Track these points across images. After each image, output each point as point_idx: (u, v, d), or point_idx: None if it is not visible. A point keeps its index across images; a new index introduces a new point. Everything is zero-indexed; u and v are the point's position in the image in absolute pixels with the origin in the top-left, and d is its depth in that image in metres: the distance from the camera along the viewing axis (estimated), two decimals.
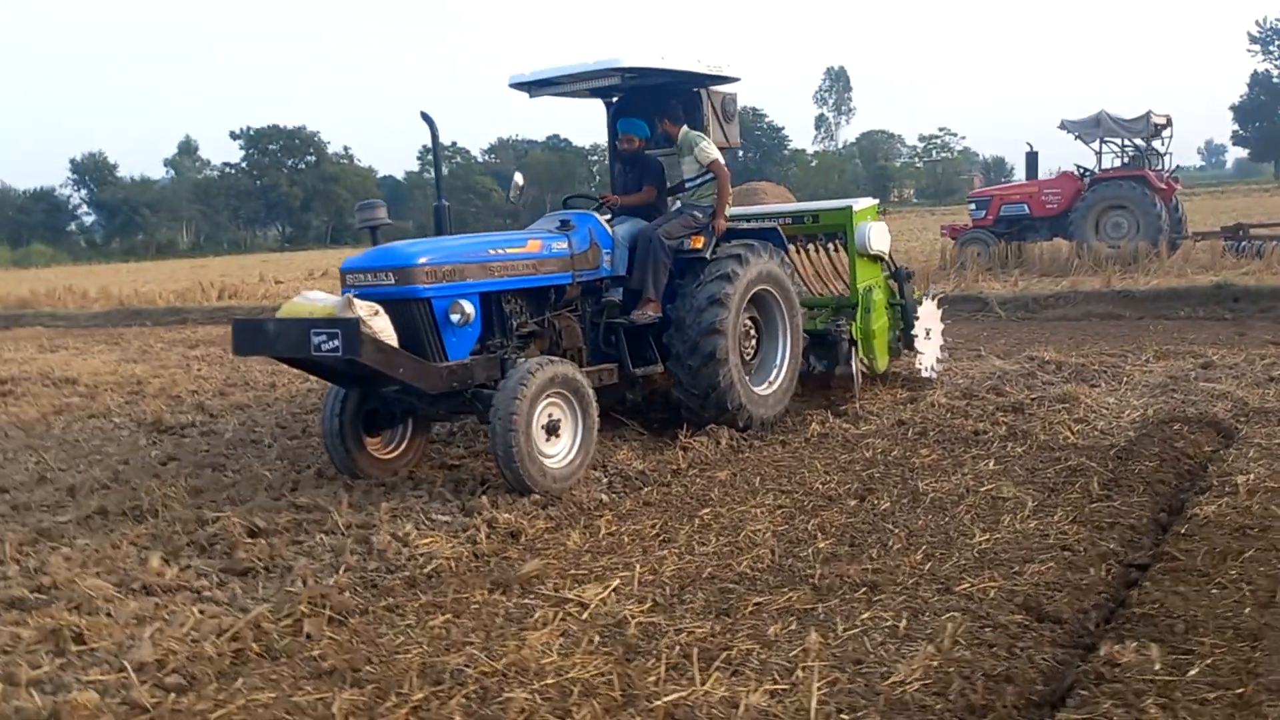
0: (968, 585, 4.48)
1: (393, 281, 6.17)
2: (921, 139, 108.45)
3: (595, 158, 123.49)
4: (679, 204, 8.03)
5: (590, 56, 7.43)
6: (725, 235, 7.67)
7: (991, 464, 6.42)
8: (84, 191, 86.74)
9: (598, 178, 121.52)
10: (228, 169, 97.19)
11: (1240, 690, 3.35)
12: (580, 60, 7.44)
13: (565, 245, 7.01)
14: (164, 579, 5.02)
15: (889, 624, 4.13)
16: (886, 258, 8.80)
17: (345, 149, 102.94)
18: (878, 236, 8.49)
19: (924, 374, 8.79)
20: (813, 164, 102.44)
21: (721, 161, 7.70)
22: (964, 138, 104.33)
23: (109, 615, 4.56)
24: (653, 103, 7.90)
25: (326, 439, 6.66)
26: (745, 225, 8.13)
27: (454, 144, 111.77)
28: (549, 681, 3.77)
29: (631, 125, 7.93)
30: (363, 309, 5.88)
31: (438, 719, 3.54)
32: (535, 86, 7.89)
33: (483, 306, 6.52)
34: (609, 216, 7.63)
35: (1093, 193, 18.76)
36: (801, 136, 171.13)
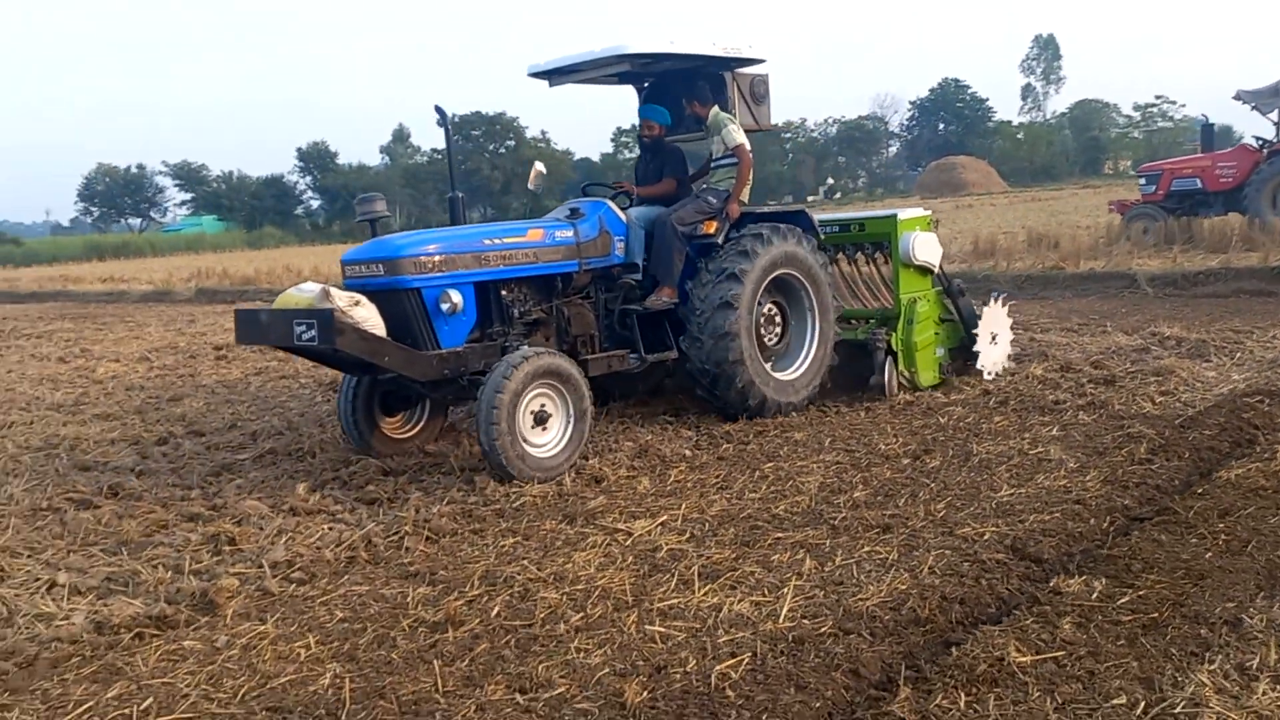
0: (969, 529, 4.97)
1: (382, 272, 6.44)
2: (1137, 107, 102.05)
3: (788, 135, 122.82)
4: (703, 186, 8.02)
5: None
6: (750, 219, 7.68)
7: (1054, 430, 6.74)
8: (309, 178, 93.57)
9: (790, 156, 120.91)
10: (435, 155, 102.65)
11: (1155, 615, 3.77)
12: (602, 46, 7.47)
13: (571, 234, 7.11)
14: (307, 503, 6.13)
15: (881, 556, 4.70)
16: (936, 270, 8.54)
17: (542, 133, 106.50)
18: (923, 247, 8.29)
19: (985, 376, 8.48)
20: (1019, 136, 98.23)
21: (747, 146, 7.68)
22: (1184, 105, 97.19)
23: (259, 527, 5.69)
24: (681, 88, 7.94)
25: (342, 420, 7.17)
26: (768, 209, 8.15)
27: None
28: (579, 588, 4.57)
29: (651, 111, 8.04)
30: (341, 299, 6.13)
31: (483, 609, 4.40)
32: (554, 75, 7.97)
33: (478, 295, 6.74)
34: (626, 205, 7.78)
35: (1270, 165, 17.75)
36: (1006, 108, 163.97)
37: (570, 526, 5.48)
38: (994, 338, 8.56)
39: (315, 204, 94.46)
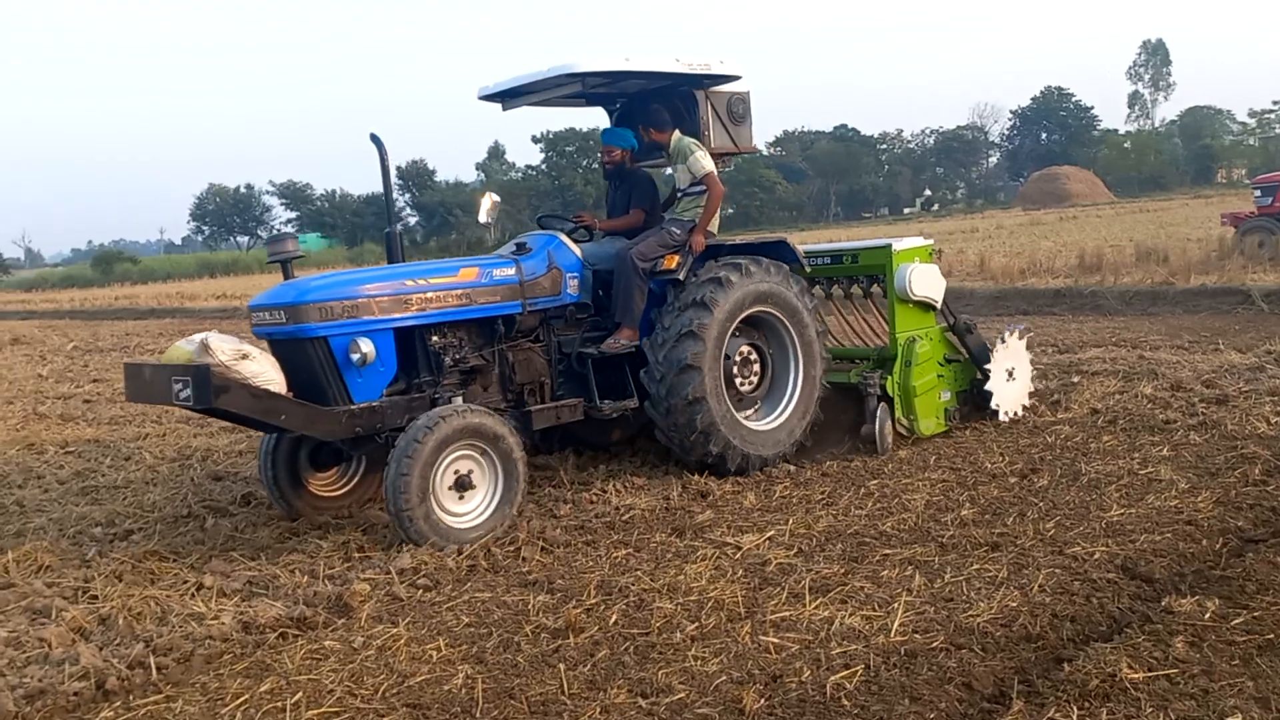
0: (1079, 549, 5.00)
1: (284, 320, 5.84)
2: (1253, 114, 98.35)
3: (884, 146, 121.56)
4: (668, 218, 7.31)
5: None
6: (720, 249, 7.03)
7: (1165, 450, 6.68)
8: (407, 195, 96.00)
9: (886, 167, 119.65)
10: (530, 171, 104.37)
11: (1270, 636, 3.78)
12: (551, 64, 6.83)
13: (512, 271, 6.47)
14: None
15: (991, 574, 4.77)
16: (939, 306, 7.75)
17: None
18: (922, 281, 7.52)
19: (1001, 417, 7.76)
20: (1125, 145, 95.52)
21: (715, 174, 7.01)
22: None
23: (383, 536, 6.00)
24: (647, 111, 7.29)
25: (262, 478, 6.50)
26: (743, 240, 7.39)
27: None
28: (692, 598, 4.75)
29: (612, 136, 7.43)
30: (225, 352, 5.55)
31: (601, 617, 4.61)
32: (505, 98, 7.36)
33: (401, 343, 6.14)
34: (586, 239, 7.27)
35: None
36: (1112, 116, 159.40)
37: (680, 540, 5.66)
38: (1010, 374, 7.86)
39: (413, 220, 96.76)
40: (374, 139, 6.51)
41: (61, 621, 4.90)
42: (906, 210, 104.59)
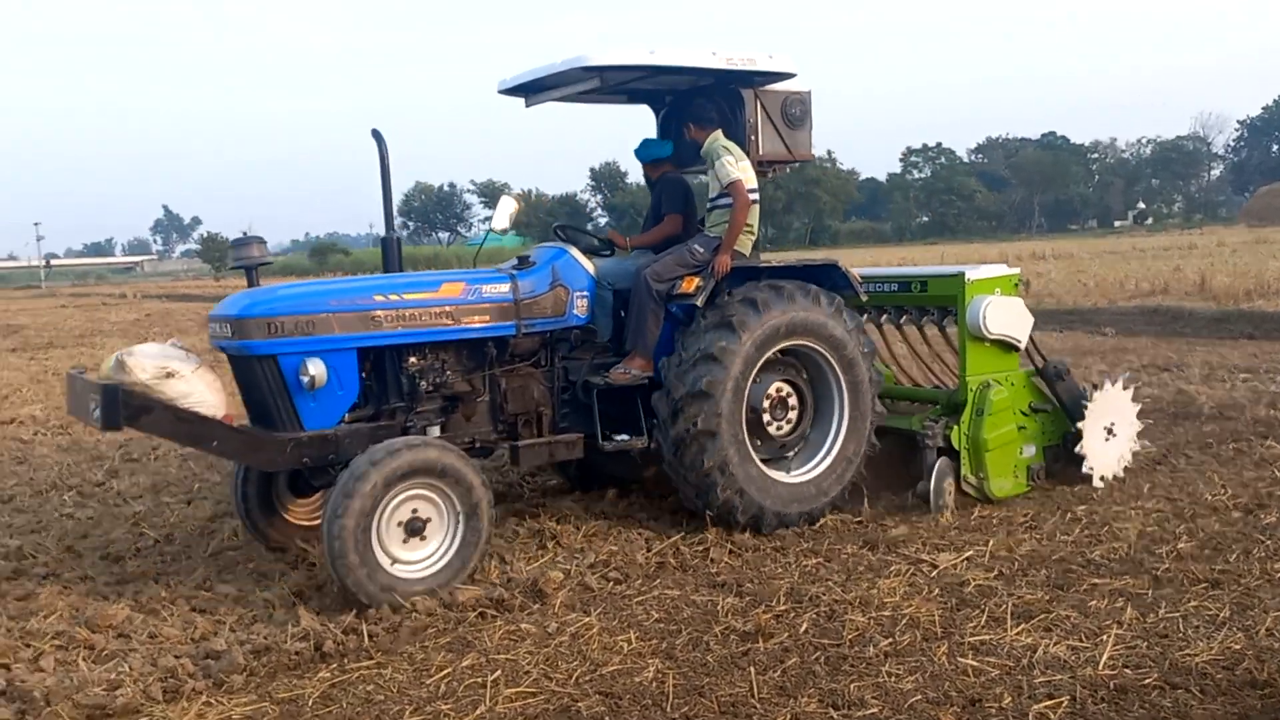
0: None
1: (230, 334, 5.24)
2: None
3: (1095, 155, 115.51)
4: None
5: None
6: (756, 275, 6.12)
7: None
8: (599, 196, 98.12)
9: (1096, 177, 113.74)
10: None
11: None
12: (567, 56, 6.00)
13: (506, 288, 5.77)
14: (617, 508, 6.57)
15: (1211, 613, 4.46)
16: (1023, 346, 6.69)
17: (828, 152, 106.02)
18: (999, 317, 6.47)
19: (1096, 483, 6.59)
20: None
21: (743, 182, 6.00)
22: None
23: (575, 526, 6.16)
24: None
25: (234, 503, 6.03)
26: (783, 262, 6.34)
27: (938, 144, 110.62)
28: (885, 613, 4.65)
29: (644, 151, 6.65)
30: (146, 370, 4.99)
31: (791, 624, 4.58)
32: (527, 93, 6.62)
33: (366, 364, 5.54)
34: (609, 253, 6.52)
35: None
36: None
37: (872, 553, 5.56)
38: (1110, 431, 6.68)
39: (603, 221, 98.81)
40: (375, 134, 5.83)
41: (284, 585, 5.28)
42: (1117, 223, 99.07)
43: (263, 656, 4.43)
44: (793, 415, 6.21)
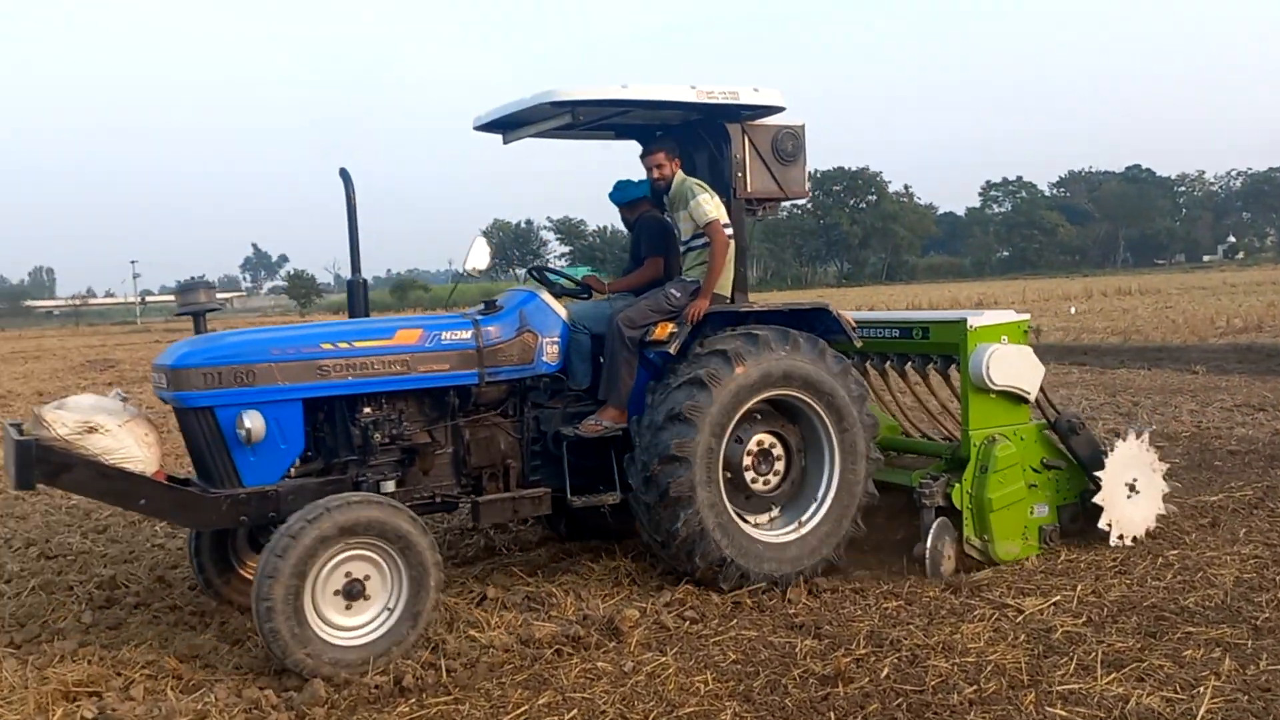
0: None
1: (165, 384, 5.03)
2: None
3: (1182, 188, 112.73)
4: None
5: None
6: (736, 319, 5.85)
7: None
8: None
9: (1184, 211, 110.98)
10: (795, 210, 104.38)
11: None
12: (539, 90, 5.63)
13: (467, 335, 5.48)
14: None
15: None
16: (1031, 398, 6.27)
17: (905, 187, 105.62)
18: (1005, 367, 6.05)
19: (1113, 541, 6.13)
20: None
21: (722, 223, 5.75)
22: None
23: (651, 565, 6.13)
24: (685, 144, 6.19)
25: (190, 558, 5.79)
26: (770, 306, 6.06)
27: (1018, 178, 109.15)
28: (969, 660, 4.54)
29: (623, 192, 6.35)
30: (65, 424, 4.75)
31: (871, 669, 4.49)
32: (503, 129, 6.27)
33: (314, 416, 5.27)
34: (586, 297, 6.33)
35: None
36: None
37: (955, 597, 5.43)
38: (1132, 488, 6.21)
39: None
40: (342, 174, 5.60)
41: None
42: (1206, 258, 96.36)
43: (343, 690, 4.48)
44: (779, 467, 5.87)
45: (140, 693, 4.49)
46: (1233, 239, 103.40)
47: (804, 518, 5.85)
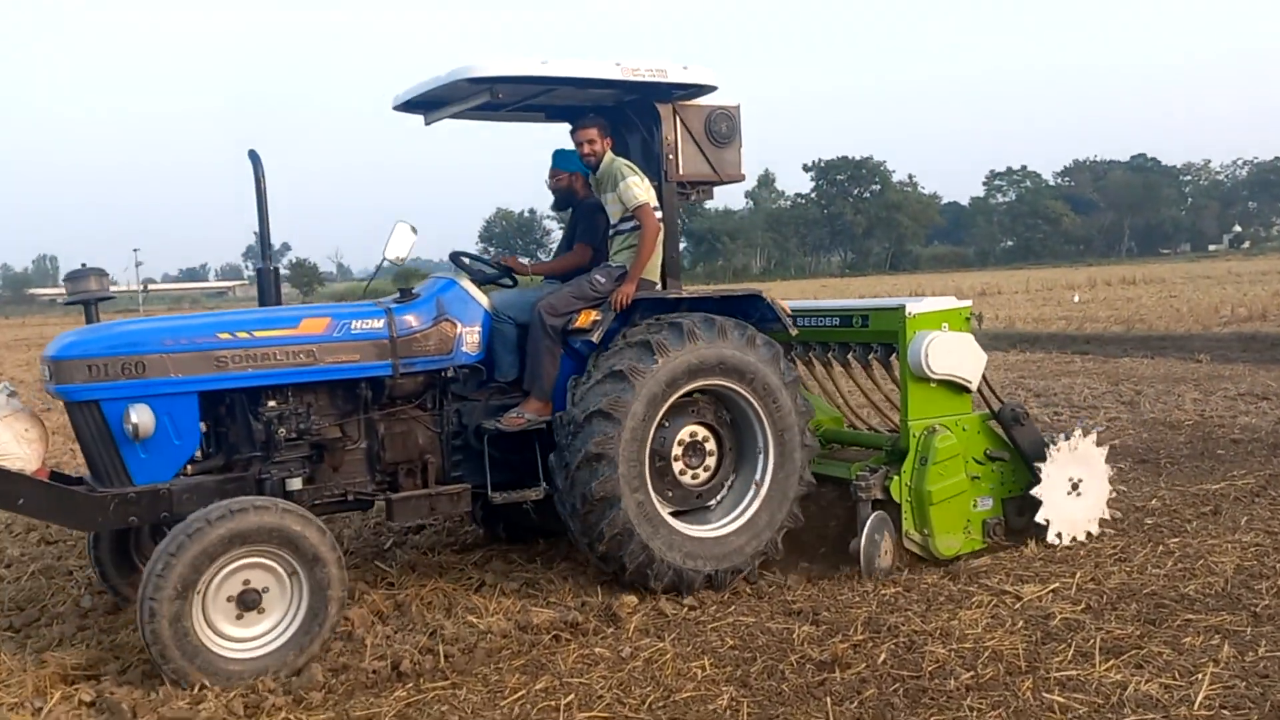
0: None
1: (48, 377, 4.78)
2: None
3: (1188, 178, 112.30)
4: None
5: None
6: (665, 306, 5.63)
7: None
8: (682, 222, 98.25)
9: (1189, 200, 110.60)
10: (799, 199, 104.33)
11: None
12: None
13: (379, 324, 5.23)
14: None
15: None
16: (974, 388, 6.07)
17: (909, 176, 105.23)
18: (945, 355, 5.85)
19: (1050, 538, 5.96)
20: None
21: (651, 206, 5.55)
22: None
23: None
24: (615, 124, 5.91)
25: (90, 558, 5.58)
26: (700, 292, 5.86)
27: (1023, 167, 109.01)
28: (967, 646, 4.53)
29: (564, 158, 6.06)
30: None
31: (869, 654, 4.49)
32: (419, 109, 5.97)
33: (213, 410, 5.04)
34: (513, 285, 6.06)
35: None
36: None
37: (953, 583, 5.42)
38: (1075, 486, 6.01)
39: (681, 246, 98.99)
40: (251, 156, 5.32)
41: (363, 604, 5.35)
42: (1211, 247, 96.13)
43: (341, 675, 4.49)
44: (710, 461, 5.66)
45: (138, 676, 4.50)
46: (1239, 228, 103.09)
47: (739, 511, 5.63)
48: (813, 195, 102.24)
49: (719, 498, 5.72)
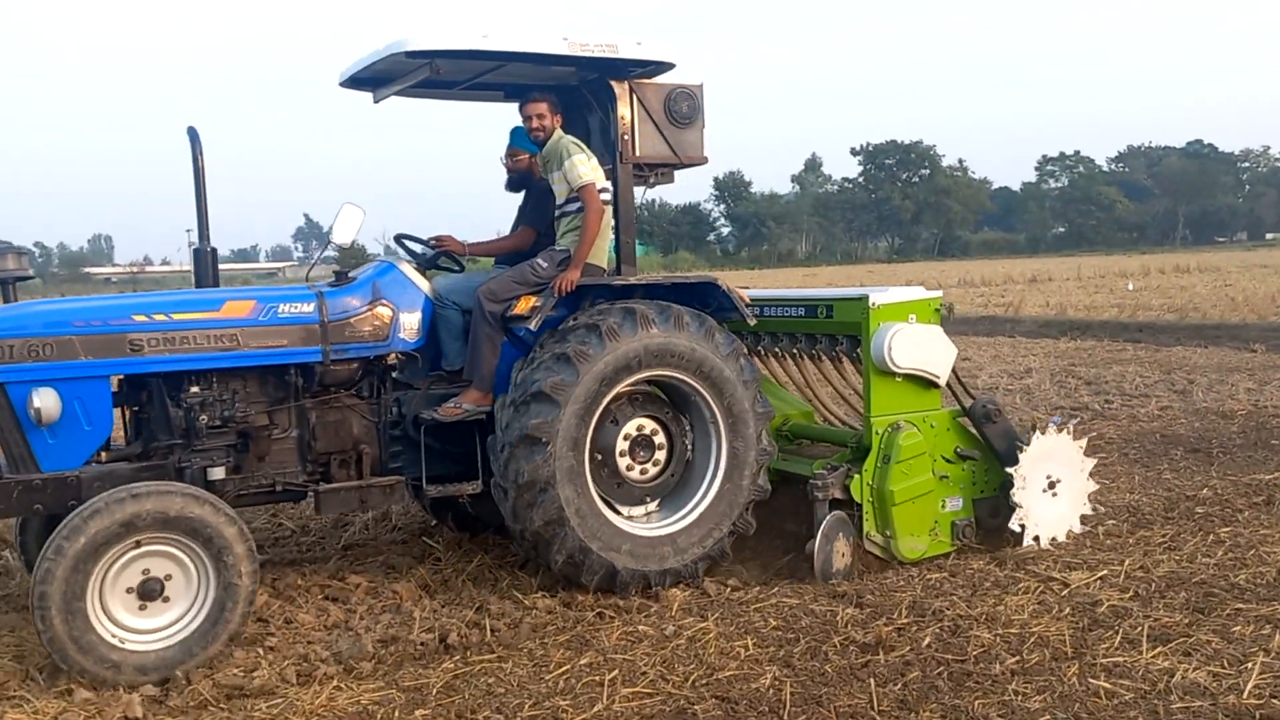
0: None
1: None
2: None
3: (1246, 164, 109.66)
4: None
5: None
6: (615, 293, 5.38)
7: None
8: (723, 206, 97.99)
9: (1247, 187, 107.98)
10: (846, 184, 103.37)
11: None
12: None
13: (309, 308, 5.01)
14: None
15: None
16: (942, 382, 5.80)
17: (960, 161, 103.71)
18: (908, 349, 5.56)
19: (1029, 540, 5.70)
20: None
21: (596, 187, 5.27)
22: None
23: None
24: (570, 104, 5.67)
25: (16, 549, 5.46)
26: (652, 279, 5.64)
27: (1076, 152, 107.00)
28: (1012, 630, 4.51)
29: (520, 137, 5.74)
30: None
31: (913, 638, 4.49)
32: (371, 86, 5.72)
33: (130, 395, 4.94)
34: (458, 269, 5.81)
35: None
36: None
37: (999, 569, 5.40)
38: (1051, 485, 5.75)
39: (726, 230, 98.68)
40: (190, 132, 5.13)
41: (411, 578, 5.45)
42: (1269, 235, 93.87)
43: (390, 646, 4.58)
44: (660, 456, 5.43)
45: None
46: None
47: (684, 511, 5.40)
48: (860, 180, 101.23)
49: (665, 496, 5.49)
